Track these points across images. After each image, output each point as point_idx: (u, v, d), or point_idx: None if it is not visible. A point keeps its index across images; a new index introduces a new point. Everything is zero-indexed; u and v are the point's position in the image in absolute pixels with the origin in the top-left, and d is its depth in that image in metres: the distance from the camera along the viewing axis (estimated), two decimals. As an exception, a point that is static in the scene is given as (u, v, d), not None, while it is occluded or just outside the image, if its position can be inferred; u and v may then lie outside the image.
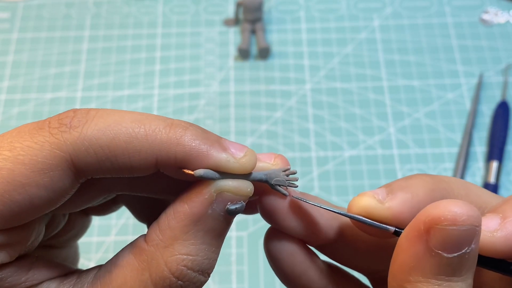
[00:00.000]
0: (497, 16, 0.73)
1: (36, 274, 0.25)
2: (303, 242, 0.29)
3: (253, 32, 0.72)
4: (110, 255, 0.60)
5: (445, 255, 0.23)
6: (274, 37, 0.72)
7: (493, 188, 0.59)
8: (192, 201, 0.25)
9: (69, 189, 0.24)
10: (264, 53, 0.70)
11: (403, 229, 0.25)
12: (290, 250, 0.29)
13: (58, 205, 0.25)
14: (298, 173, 0.62)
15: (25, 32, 0.73)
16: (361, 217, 0.26)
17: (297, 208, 0.28)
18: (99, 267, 0.26)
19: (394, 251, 0.24)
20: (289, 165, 0.27)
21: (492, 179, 0.59)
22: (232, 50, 0.71)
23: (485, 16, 0.73)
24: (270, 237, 0.29)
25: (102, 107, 0.67)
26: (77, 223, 0.32)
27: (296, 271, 0.29)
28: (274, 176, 0.26)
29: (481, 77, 0.67)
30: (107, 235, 0.58)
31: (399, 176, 0.61)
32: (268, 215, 0.28)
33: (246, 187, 0.25)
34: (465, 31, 0.72)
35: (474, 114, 0.64)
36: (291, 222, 0.28)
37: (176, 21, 0.74)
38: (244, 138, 0.64)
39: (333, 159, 0.63)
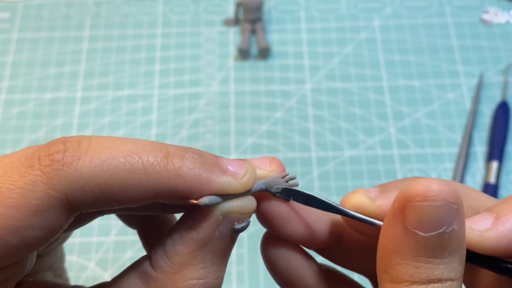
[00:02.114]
0: (497, 16, 0.73)
1: None
2: (300, 246, 0.29)
3: (253, 32, 0.72)
4: (110, 255, 0.60)
5: (422, 234, 0.22)
6: (274, 37, 0.72)
7: (493, 188, 0.59)
8: (198, 226, 0.24)
9: (64, 225, 0.23)
10: (264, 53, 0.70)
11: None
12: (286, 255, 0.29)
13: (52, 239, 0.24)
14: (298, 173, 0.63)
15: (25, 32, 0.73)
16: (351, 212, 0.26)
17: (294, 214, 0.28)
18: (101, 287, 0.26)
19: (379, 237, 0.24)
20: (285, 169, 0.27)
21: (492, 179, 0.59)
22: (232, 50, 0.71)
23: (485, 16, 0.73)
24: (267, 242, 0.29)
25: (102, 107, 0.67)
26: (62, 233, 0.32)
27: (293, 276, 0.29)
28: (274, 184, 0.26)
29: (481, 77, 0.67)
30: (107, 235, 0.58)
31: (399, 176, 0.61)
32: (265, 221, 0.28)
33: (250, 204, 0.25)
34: (465, 31, 0.72)
35: (474, 114, 0.64)
36: (289, 228, 0.28)
37: (176, 21, 0.74)
38: (244, 138, 0.64)
39: (333, 159, 0.62)
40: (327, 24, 0.73)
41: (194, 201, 0.24)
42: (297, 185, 0.27)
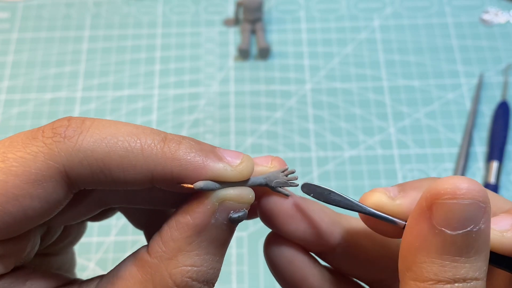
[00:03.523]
0: (497, 16, 0.73)
1: (33, 285, 0.25)
2: (303, 248, 0.29)
3: (253, 32, 0.72)
4: (110, 255, 0.60)
5: (449, 232, 0.22)
6: (274, 37, 0.72)
7: (493, 188, 0.59)
8: (194, 212, 0.24)
9: (62, 199, 0.24)
10: (264, 53, 0.70)
11: None
12: (290, 256, 0.28)
13: (51, 216, 0.24)
14: (298, 174, 0.62)
15: (25, 32, 0.73)
16: (372, 210, 0.26)
17: (298, 212, 0.28)
18: (100, 277, 0.26)
19: (403, 234, 0.24)
20: (287, 166, 0.27)
21: (492, 179, 0.59)
22: (232, 50, 0.71)
23: (485, 16, 0.73)
24: (270, 243, 0.29)
25: (102, 107, 0.67)
26: (72, 231, 0.32)
27: (296, 278, 0.29)
28: (274, 178, 0.26)
29: (481, 77, 0.67)
30: (107, 235, 0.58)
31: (399, 176, 0.61)
32: (267, 219, 0.28)
33: (247, 194, 0.25)
34: (465, 31, 0.72)
35: (474, 114, 0.64)
36: (291, 226, 0.28)
37: (176, 21, 0.74)
38: (244, 138, 0.64)
39: (333, 159, 0.62)
40: (327, 24, 0.73)
41: (190, 185, 0.24)
42: (296, 179, 0.27)
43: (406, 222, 0.25)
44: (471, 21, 0.73)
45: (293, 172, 0.27)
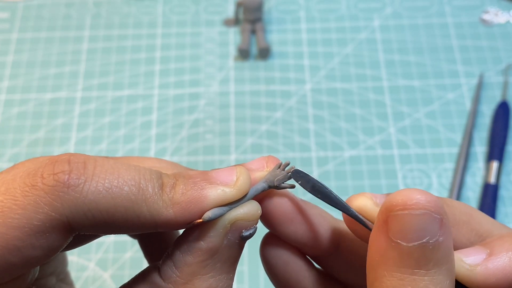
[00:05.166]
0: (497, 16, 0.73)
1: None
2: (299, 251, 0.29)
3: (253, 32, 0.72)
4: (110, 255, 0.60)
5: (404, 244, 0.22)
6: (274, 37, 0.72)
7: (493, 188, 0.59)
8: (207, 237, 0.24)
9: (63, 244, 0.24)
10: (264, 53, 0.70)
11: None
12: (285, 258, 0.28)
13: (50, 258, 0.24)
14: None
15: (24, 32, 0.73)
16: (353, 210, 0.26)
17: (297, 214, 0.27)
18: None
19: (368, 249, 0.24)
20: (280, 160, 0.27)
21: (492, 179, 0.59)
22: (232, 50, 0.71)
23: (485, 16, 0.73)
24: (267, 244, 0.29)
25: (102, 107, 0.67)
26: (57, 256, 0.32)
27: (290, 280, 0.29)
28: (274, 178, 0.26)
29: (481, 77, 0.67)
30: (107, 235, 0.58)
31: (399, 176, 0.61)
32: (267, 221, 0.28)
33: (256, 210, 0.25)
34: (465, 31, 0.72)
35: (474, 114, 0.64)
36: (290, 228, 0.27)
37: (176, 21, 0.74)
38: (244, 138, 0.64)
39: (333, 159, 0.62)
40: (327, 24, 0.73)
41: (199, 220, 0.24)
42: (294, 168, 0.26)
43: None
44: (471, 21, 0.73)
45: (288, 164, 0.26)
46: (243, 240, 0.25)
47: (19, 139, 0.65)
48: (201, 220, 0.24)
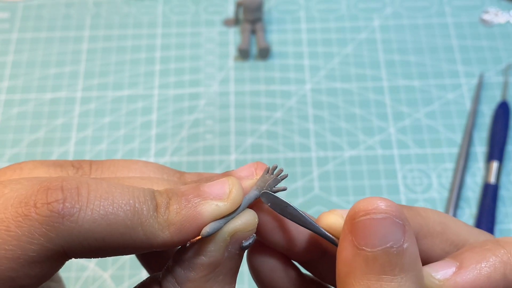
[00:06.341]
0: (497, 16, 0.73)
1: None
2: (286, 257, 0.29)
3: (253, 32, 0.72)
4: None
5: (369, 250, 0.22)
6: (274, 37, 0.72)
7: (493, 188, 0.59)
8: (208, 251, 0.24)
9: (58, 269, 0.24)
10: (264, 53, 0.70)
11: None
12: (271, 265, 0.28)
13: (45, 281, 0.24)
14: (298, 173, 0.63)
15: (24, 32, 0.73)
16: (323, 231, 0.25)
17: (282, 220, 0.27)
18: None
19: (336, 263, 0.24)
20: (267, 165, 0.27)
21: (492, 179, 0.59)
22: (232, 50, 0.71)
23: (485, 16, 0.73)
24: (253, 251, 0.28)
25: (102, 107, 0.67)
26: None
27: (277, 286, 0.28)
28: (264, 184, 0.26)
29: (481, 77, 0.67)
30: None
31: (400, 176, 0.61)
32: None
33: (253, 219, 0.25)
34: (465, 31, 0.72)
35: (474, 114, 0.64)
36: (275, 236, 0.27)
37: (176, 21, 0.74)
38: (244, 138, 0.64)
39: (333, 160, 0.62)
40: (327, 24, 0.73)
41: (197, 238, 0.24)
42: (282, 171, 0.26)
43: None
44: (471, 21, 0.73)
45: (276, 168, 0.26)
46: (243, 249, 0.25)
47: (19, 139, 0.65)
48: (199, 237, 0.24)
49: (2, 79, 0.69)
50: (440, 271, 0.24)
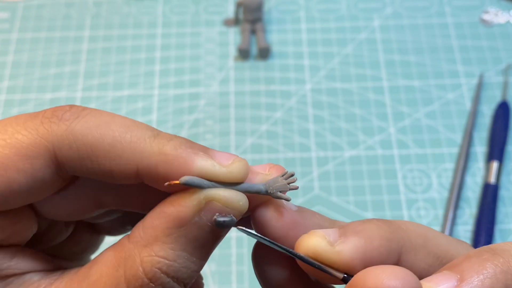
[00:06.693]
0: (497, 16, 0.73)
1: (19, 263, 0.25)
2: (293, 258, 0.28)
3: (253, 32, 0.72)
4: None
5: None
6: (274, 37, 0.72)
7: (493, 188, 0.59)
8: (179, 205, 0.24)
9: (49, 181, 0.24)
10: (264, 53, 0.70)
11: (352, 276, 0.22)
12: (278, 267, 0.27)
13: (39, 198, 0.25)
14: (298, 174, 0.63)
15: (24, 32, 0.73)
16: (308, 259, 0.24)
17: (293, 229, 0.26)
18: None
19: None
20: (286, 170, 0.26)
21: (492, 179, 0.59)
22: (232, 50, 0.71)
23: (485, 16, 0.73)
24: (258, 253, 0.27)
25: (102, 107, 0.67)
26: (84, 238, 0.32)
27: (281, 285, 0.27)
28: (273, 184, 0.25)
29: (481, 77, 0.67)
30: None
31: (400, 176, 0.61)
32: (261, 229, 0.26)
33: (238, 199, 0.24)
34: (465, 31, 0.72)
35: (474, 114, 0.64)
36: (285, 242, 0.26)
37: (176, 21, 0.74)
38: (244, 138, 0.64)
39: (333, 160, 0.62)
40: (327, 24, 0.73)
41: (176, 181, 0.23)
42: (295, 181, 0.25)
43: (344, 273, 0.23)
44: (471, 21, 0.73)
45: (292, 175, 0.25)
46: (216, 226, 0.24)
47: (19, 139, 0.64)
48: (177, 181, 0.23)
49: (2, 79, 0.69)
50: (441, 285, 0.22)
